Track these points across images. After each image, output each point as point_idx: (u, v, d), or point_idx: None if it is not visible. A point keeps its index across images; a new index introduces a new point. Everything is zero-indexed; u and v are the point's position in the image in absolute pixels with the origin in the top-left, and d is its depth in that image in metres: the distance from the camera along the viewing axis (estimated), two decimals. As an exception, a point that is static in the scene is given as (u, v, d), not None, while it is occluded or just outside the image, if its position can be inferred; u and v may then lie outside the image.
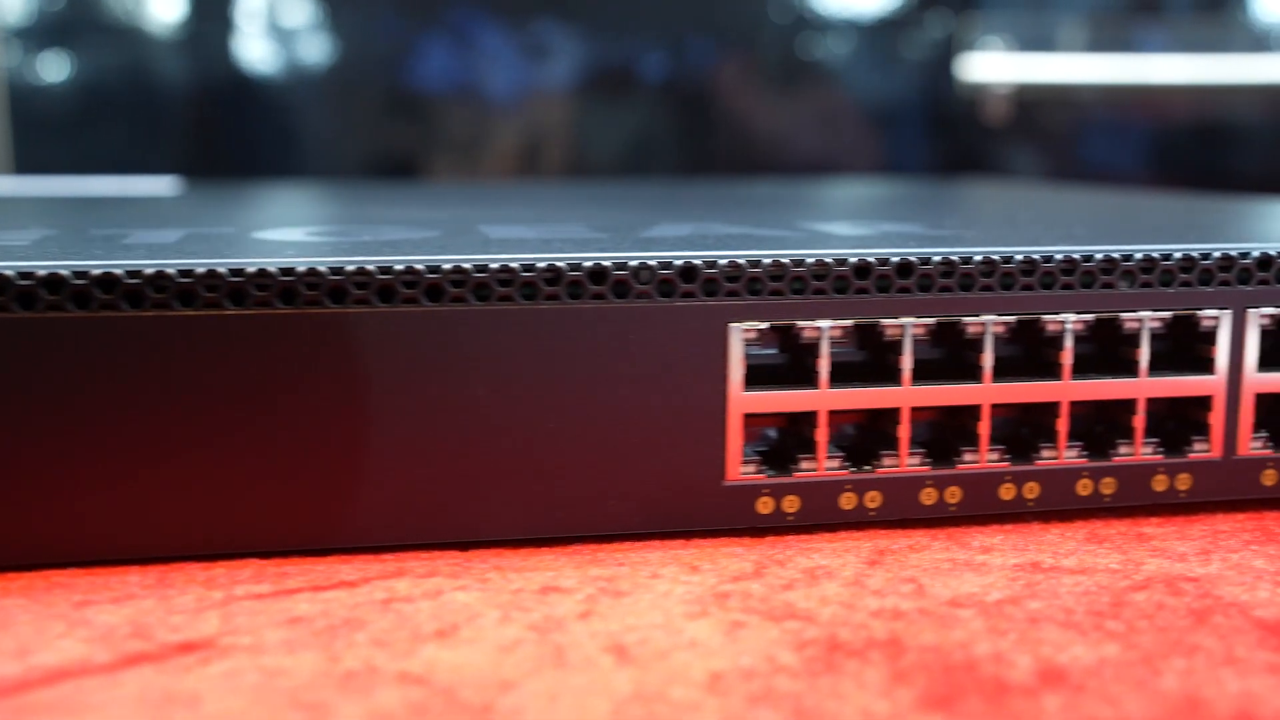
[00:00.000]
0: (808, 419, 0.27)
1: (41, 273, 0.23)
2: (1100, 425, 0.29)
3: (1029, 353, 0.28)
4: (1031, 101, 0.82)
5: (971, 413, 0.27)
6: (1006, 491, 0.28)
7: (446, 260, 0.25)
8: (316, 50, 0.77)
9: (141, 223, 0.35)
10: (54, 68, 0.75)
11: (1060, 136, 0.84)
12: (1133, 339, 0.28)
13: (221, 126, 0.76)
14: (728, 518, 0.27)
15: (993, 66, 0.80)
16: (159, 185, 0.60)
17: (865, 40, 0.81)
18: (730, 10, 0.81)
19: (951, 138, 0.82)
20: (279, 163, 0.77)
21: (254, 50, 0.76)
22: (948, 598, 0.23)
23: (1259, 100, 0.83)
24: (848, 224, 0.35)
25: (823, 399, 0.27)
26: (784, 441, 0.28)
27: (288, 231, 0.32)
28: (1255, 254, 0.28)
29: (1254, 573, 0.24)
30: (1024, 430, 0.29)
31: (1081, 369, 0.28)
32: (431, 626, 0.21)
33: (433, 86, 0.77)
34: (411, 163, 0.78)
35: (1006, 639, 0.21)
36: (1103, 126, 0.84)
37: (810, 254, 0.26)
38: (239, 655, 0.20)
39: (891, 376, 0.27)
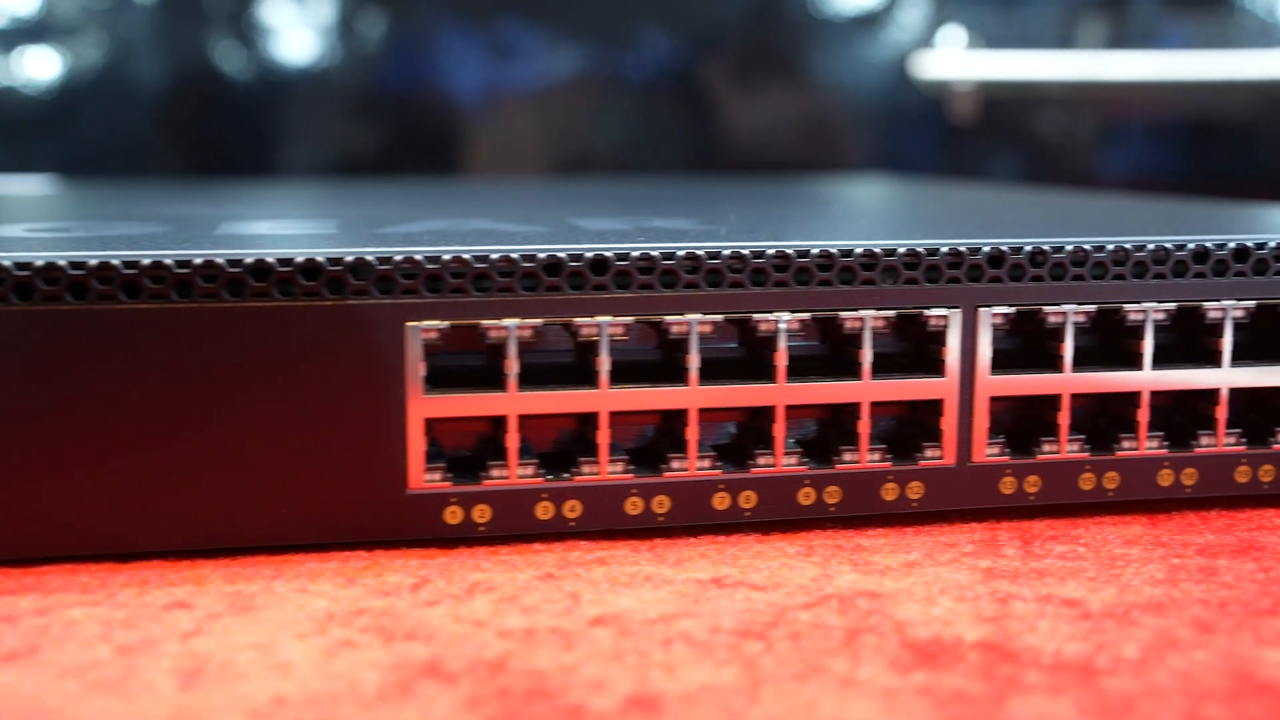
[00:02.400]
0: (498, 424, 0.25)
1: None
2: (826, 431, 0.27)
3: (750, 352, 0.27)
4: (1020, 100, 0.80)
5: (680, 417, 0.26)
6: (720, 501, 0.26)
7: (94, 257, 0.24)
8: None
9: None
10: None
11: (1037, 135, 0.82)
12: (855, 339, 0.26)
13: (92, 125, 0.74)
14: (413, 528, 0.25)
15: (963, 63, 0.78)
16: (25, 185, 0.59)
17: (833, 36, 0.80)
18: (692, 6, 0.79)
19: (924, 136, 0.80)
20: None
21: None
22: (595, 615, 0.22)
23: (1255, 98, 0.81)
24: (615, 220, 0.33)
25: (512, 403, 0.25)
26: (479, 449, 0.26)
27: (8, 228, 0.30)
28: (986, 250, 0.26)
29: (948, 588, 0.23)
30: (742, 436, 0.27)
31: (802, 371, 0.26)
32: (10, 646, 0.20)
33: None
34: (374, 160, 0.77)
35: (623, 662, 0.20)
36: (1101, 125, 0.82)
37: (495, 249, 0.25)
38: None
39: (589, 379, 0.25)
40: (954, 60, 0.78)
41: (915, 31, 0.79)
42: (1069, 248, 0.27)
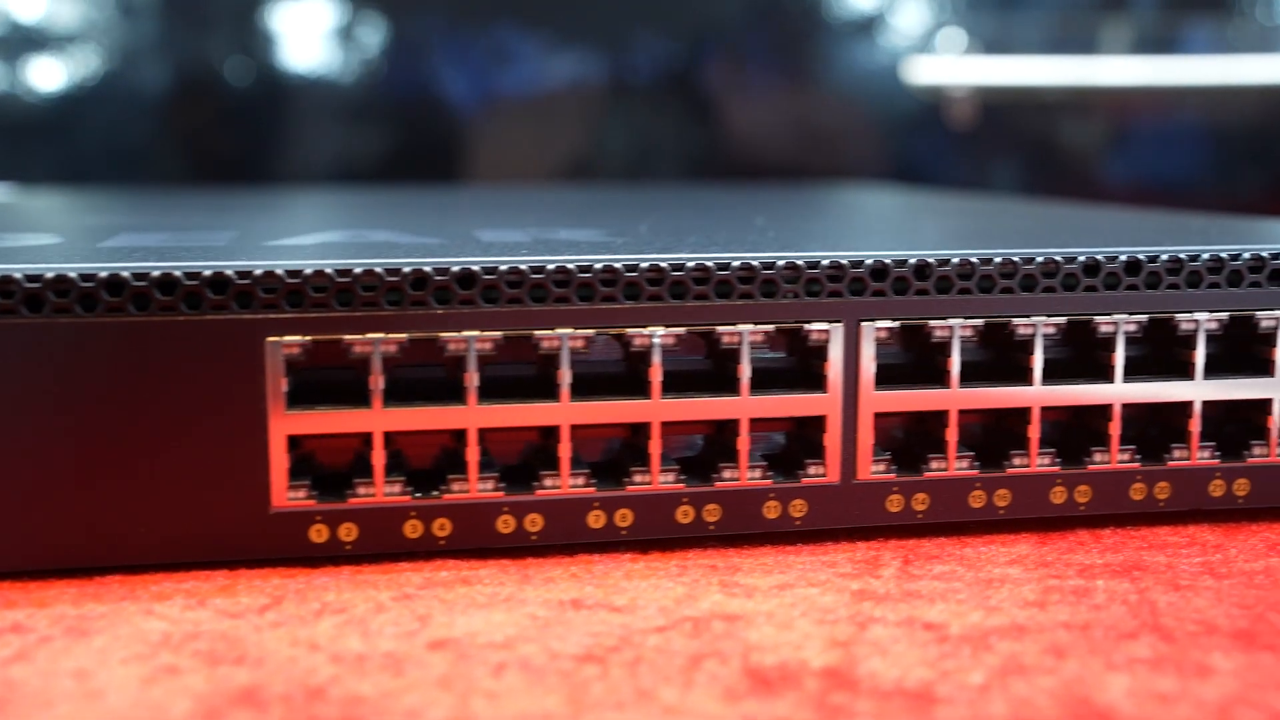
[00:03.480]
0: (364, 441, 0.25)
1: None
2: (707, 449, 0.27)
3: (628, 369, 0.26)
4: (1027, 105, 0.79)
5: (554, 434, 0.25)
6: (595, 520, 0.26)
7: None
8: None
9: None
10: None
11: (1041, 141, 0.81)
12: (733, 354, 0.26)
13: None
14: (277, 547, 0.25)
15: (961, 68, 0.77)
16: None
17: (835, 41, 0.79)
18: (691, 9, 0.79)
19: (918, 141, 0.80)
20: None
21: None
22: (438, 639, 0.21)
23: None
24: (520, 231, 0.33)
25: (376, 419, 0.25)
26: (352, 466, 0.26)
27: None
28: (869, 262, 0.26)
29: (810, 610, 0.22)
30: (619, 454, 0.26)
31: (678, 387, 0.26)
32: None
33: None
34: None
35: (449, 689, 0.19)
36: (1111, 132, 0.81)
37: (359, 263, 0.24)
38: None
39: (459, 395, 0.25)
40: (952, 65, 0.78)
41: (914, 37, 0.78)
42: (955, 261, 0.26)
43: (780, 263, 0.26)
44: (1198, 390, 0.27)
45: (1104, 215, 0.41)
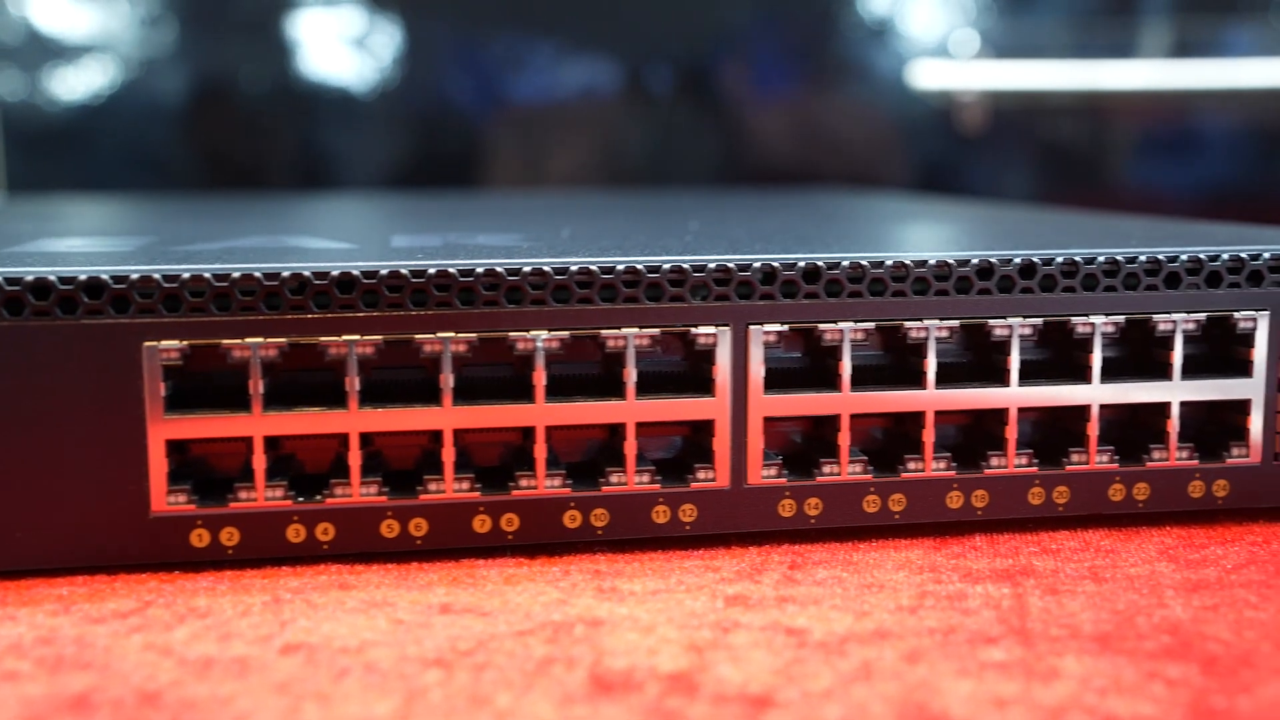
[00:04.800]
0: (244, 446, 0.25)
1: None
2: (592, 452, 0.27)
3: (514, 373, 0.26)
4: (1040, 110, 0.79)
5: (438, 438, 0.25)
6: (481, 524, 0.26)
7: None
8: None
9: None
10: None
11: (1057, 146, 0.80)
12: (618, 358, 0.25)
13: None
14: (158, 552, 0.25)
15: (974, 72, 0.76)
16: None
17: (845, 45, 0.79)
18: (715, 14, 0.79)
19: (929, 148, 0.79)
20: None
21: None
22: (292, 643, 0.21)
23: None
24: (436, 236, 0.33)
25: (257, 424, 0.25)
26: (242, 471, 0.26)
27: None
28: (757, 265, 0.26)
29: (677, 616, 0.22)
30: (506, 459, 0.26)
31: (561, 390, 0.26)
32: None
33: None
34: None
35: (285, 694, 0.19)
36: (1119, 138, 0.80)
37: (237, 268, 0.24)
38: None
39: (341, 400, 0.25)
40: (965, 70, 0.77)
41: (926, 42, 0.77)
42: (845, 263, 0.26)
43: (666, 266, 0.25)
44: (1173, 393, 0.27)
45: (1091, 220, 0.41)
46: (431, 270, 0.25)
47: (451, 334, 0.25)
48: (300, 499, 0.25)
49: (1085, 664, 0.20)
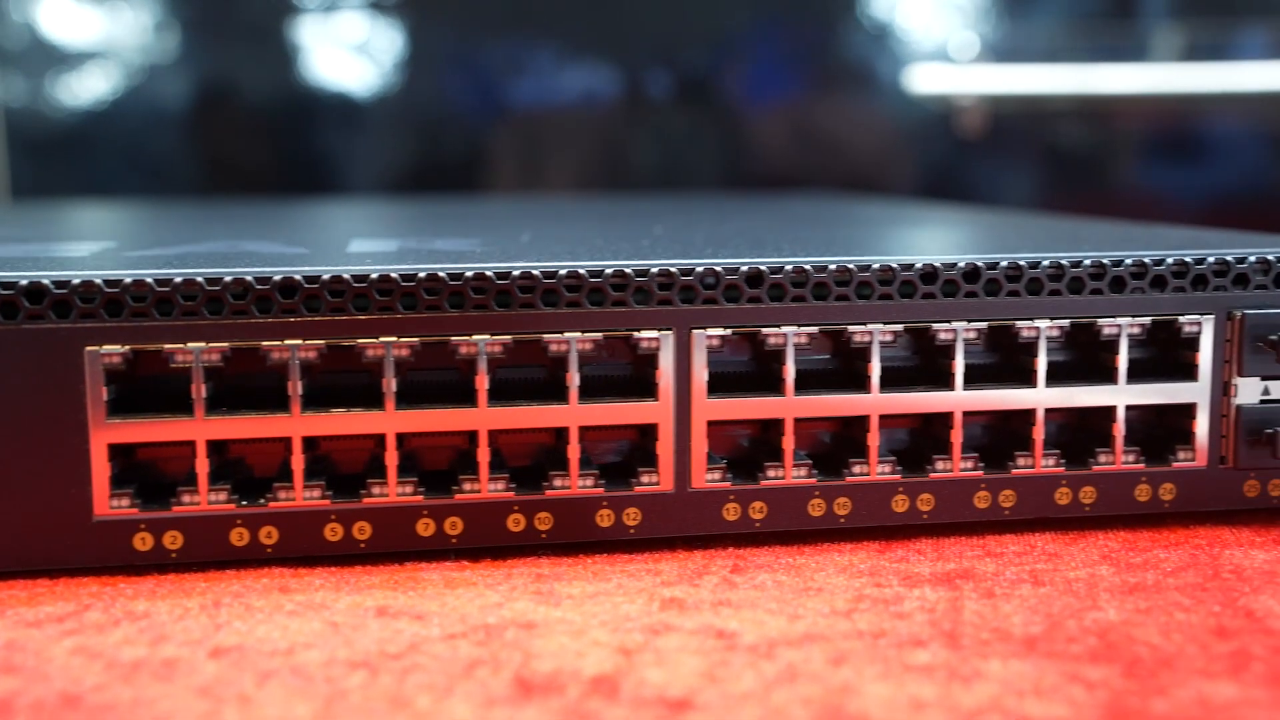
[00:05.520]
0: (188, 450, 0.25)
1: None
2: (536, 457, 0.27)
3: (459, 377, 0.26)
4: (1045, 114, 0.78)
5: (381, 442, 0.25)
6: (425, 528, 0.26)
7: None
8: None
9: None
10: None
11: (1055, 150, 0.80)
12: (561, 362, 0.26)
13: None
14: (101, 555, 0.25)
15: (974, 77, 0.76)
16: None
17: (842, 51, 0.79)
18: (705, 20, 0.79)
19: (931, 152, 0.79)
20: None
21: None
22: (222, 646, 0.21)
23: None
24: (396, 240, 0.33)
25: (199, 428, 0.25)
26: (176, 476, 0.26)
27: None
28: (699, 270, 0.26)
29: (611, 619, 0.22)
30: (451, 462, 0.27)
31: (505, 395, 0.26)
32: None
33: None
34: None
35: (208, 697, 0.19)
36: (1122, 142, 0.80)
37: (179, 273, 0.24)
38: None
39: (284, 404, 0.25)
40: (964, 74, 0.77)
41: (926, 47, 0.77)
42: (789, 268, 0.26)
43: (608, 270, 0.26)
44: (1118, 396, 0.27)
45: (1059, 224, 0.41)
46: (374, 275, 0.25)
47: (394, 338, 0.25)
48: (244, 503, 0.25)
49: (1010, 667, 0.20)
